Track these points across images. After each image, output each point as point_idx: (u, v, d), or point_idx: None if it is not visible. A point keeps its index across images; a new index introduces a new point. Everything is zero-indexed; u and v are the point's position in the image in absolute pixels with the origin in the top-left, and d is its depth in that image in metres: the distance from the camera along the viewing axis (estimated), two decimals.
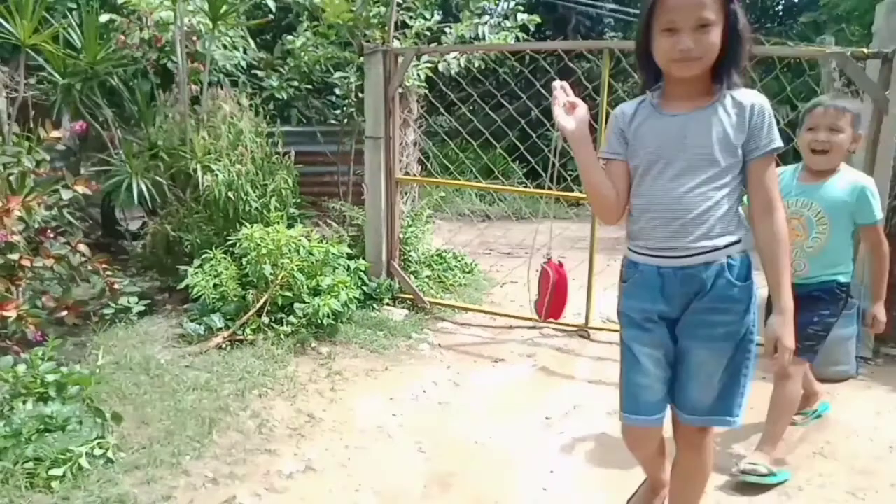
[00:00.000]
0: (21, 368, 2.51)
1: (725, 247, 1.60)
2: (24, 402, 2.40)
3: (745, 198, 1.68)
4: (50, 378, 2.50)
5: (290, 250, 3.49)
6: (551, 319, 3.11)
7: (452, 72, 4.61)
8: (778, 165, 2.30)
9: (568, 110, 1.67)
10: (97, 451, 2.29)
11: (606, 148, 1.72)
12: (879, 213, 2.28)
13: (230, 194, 3.76)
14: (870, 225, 2.29)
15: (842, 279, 2.34)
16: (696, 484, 1.83)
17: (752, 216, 1.61)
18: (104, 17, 4.28)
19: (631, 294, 1.72)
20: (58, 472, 2.17)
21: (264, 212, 3.88)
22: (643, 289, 1.68)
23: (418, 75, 4.40)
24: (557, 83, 1.69)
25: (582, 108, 1.66)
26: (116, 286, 3.40)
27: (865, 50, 3.02)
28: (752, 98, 1.57)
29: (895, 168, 3.23)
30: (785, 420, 2.38)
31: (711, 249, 1.59)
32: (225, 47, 4.59)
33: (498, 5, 4.88)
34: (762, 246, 1.60)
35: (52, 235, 3.28)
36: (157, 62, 4.33)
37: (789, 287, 1.57)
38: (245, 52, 4.82)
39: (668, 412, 1.76)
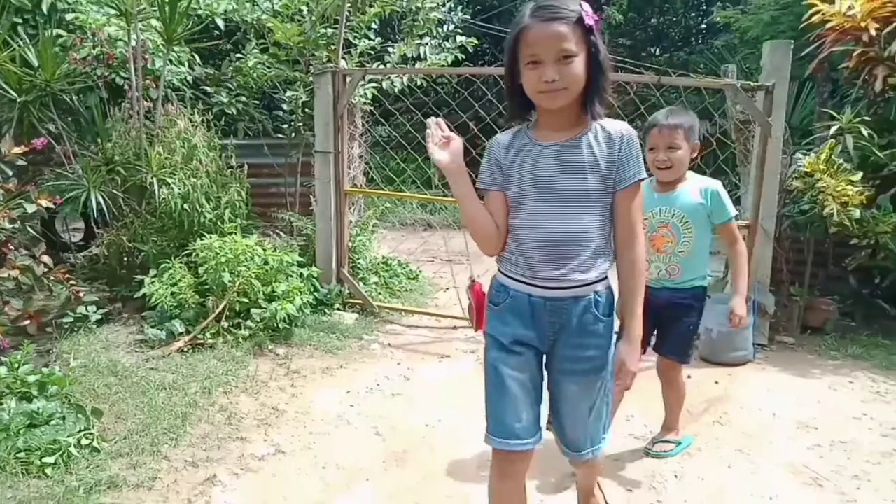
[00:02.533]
0: (2, 370, 2.78)
1: (595, 281, 1.71)
2: (10, 401, 2.68)
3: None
4: (31, 379, 2.78)
5: (246, 258, 3.84)
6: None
7: (396, 90, 5.07)
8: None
9: (443, 145, 1.73)
10: (84, 442, 2.60)
11: (482, 179, 1.77)
12: (733, 211, 2.55)
13: (185, 206, 4.07)
14: (725, 223, 2.54)
15: (705, 283, 2.62)
16: (594, 491, 2.08)
17: (616, 245, 1.73)
18: (47, 32, 4.51)
19: (500, 319, 1.77)
20: (50, 460, 2.47)
21: (218, 223, 4.20)
22: (513, 315, 1.74)
23: (364, 93, 4.83)
24: (432, 119, 1.76)
25: (456, 141, 1.73)
26: (81, 295, 3.66)
27: (752, 83, 3.68)
28: (621, 129, 1.68)
29: (781, 182, 3.90)
30: (679, 406, 2.84)
31: (582, 284, 1.69)
32: (171, 62, 4.89)
33: (441, 27, 5.34)
34: (622, 275, 1.72)
35: (13, 248, 3.53)
36: (107, 78, 4.58)
37: (640, 317, 1.71)
38: (192, 67, 5.12)
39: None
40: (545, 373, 1.82)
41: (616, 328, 1.78)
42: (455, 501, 2.46)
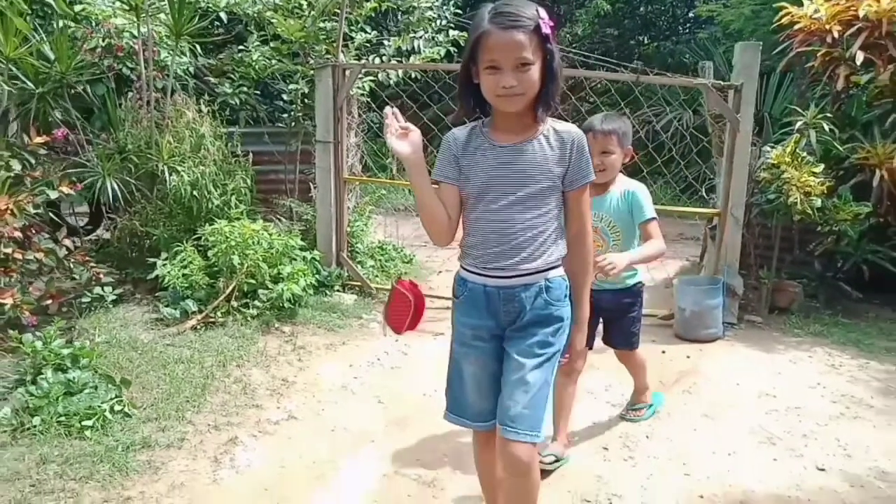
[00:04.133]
0: (38, 344, 3.07)
1: (544, 270, 1.82)
2: (48, 371, 2.97)
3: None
4: (65, 352, 3.07)
5: (253, 242, 4.14)
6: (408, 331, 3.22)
7: (392, 82, 5.35)
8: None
9: (401, 136, 1.78)
10: (116, 408, 2.91)
11: (439, 171, 1.85)
12: (651, 212, 2.66)
13: (195, 193, 4.34)
14: (643, 223, 2.66)
15: (638, 278, 2.82)
16: None
17: (568, 240, 1.88)
18: (59, 24, 4.73)
19: (461, 311, 1.91)
20: (88, 423, 2.78)
21: (225, 209, 4.48)
22: (471, 306, 1.87)
23: (362, 86, 5.10)
24: (389, 109, 1.81)
25: (416, 134, 1.79)
26: (102, 276, 3.94)
27: (722, 83, 4.01)
28: (572, 132, 1.80)
29: (750, 173, 4.24)
30: (644, 373, 3.08)
31: (532, 272, 1.81)
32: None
33: (434, 22, 5.61)
34: (572, 268, 1.88)
35: (35, 231, 3.80)
36: (114, 69, 4.82)
37: (587, 303, 1.93)
38: (196, 57, 5.36)
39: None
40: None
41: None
42: (450, 459, 2.79)
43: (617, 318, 2.86)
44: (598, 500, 2.51)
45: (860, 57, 4.23)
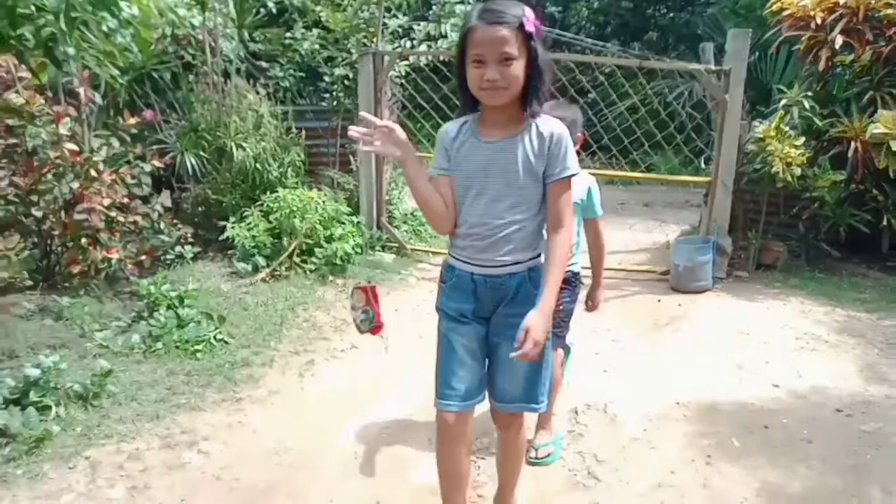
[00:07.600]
0: (152, 288, 3.92)
1: (528, 260, 1.93)
2: (162, 309, 3.83)
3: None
4: (172, 294, 3.92)
5: (310, 208, 4.95)
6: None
7: (423, 64, 6.08)
8: None
9: (386, 138, 1.85)
10: (218, 337, 3.76)
11: (434, 164, 1.95)
12: (600, 211, 2.73)
13: (257, 166, 5.15)
14: (593, 219, 2.72)
15: (576, 269, 2.74)
16: (516, 457, 2.22)
17: (547, 229, 1.94)
18: (126, 14, 5.50)
19: (449, 295, 2.00)
20: (199, 347, 3.64)
21: (282, 179, 5.29)
22: (458, 291, 1.97)
23: (399, 70, 5.85)
24: (360, 120, 1.86)
25: (398, 132, 1.87)
26: (189, 237, 4.79)
27: (713, 67, 4.70)
28: (553, 128, 1.86)
29: (741, 146, 4.95)
30: (553, 399, 2.73)
31: (515, 262, 1.92)
32: (232, 40, 5.90)
33: (462, 4, 6.31)
34: (547, 254, 1.93)
35: (131, 198, 4.63)
36: (179, 56, 5.60)
37: (556, 291, 1.90)
38: (246, 45, 6.13)
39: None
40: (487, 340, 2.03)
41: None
42: None
43: None
44: (597, 404, 3.32)
45: (839, 40, 4.89)
